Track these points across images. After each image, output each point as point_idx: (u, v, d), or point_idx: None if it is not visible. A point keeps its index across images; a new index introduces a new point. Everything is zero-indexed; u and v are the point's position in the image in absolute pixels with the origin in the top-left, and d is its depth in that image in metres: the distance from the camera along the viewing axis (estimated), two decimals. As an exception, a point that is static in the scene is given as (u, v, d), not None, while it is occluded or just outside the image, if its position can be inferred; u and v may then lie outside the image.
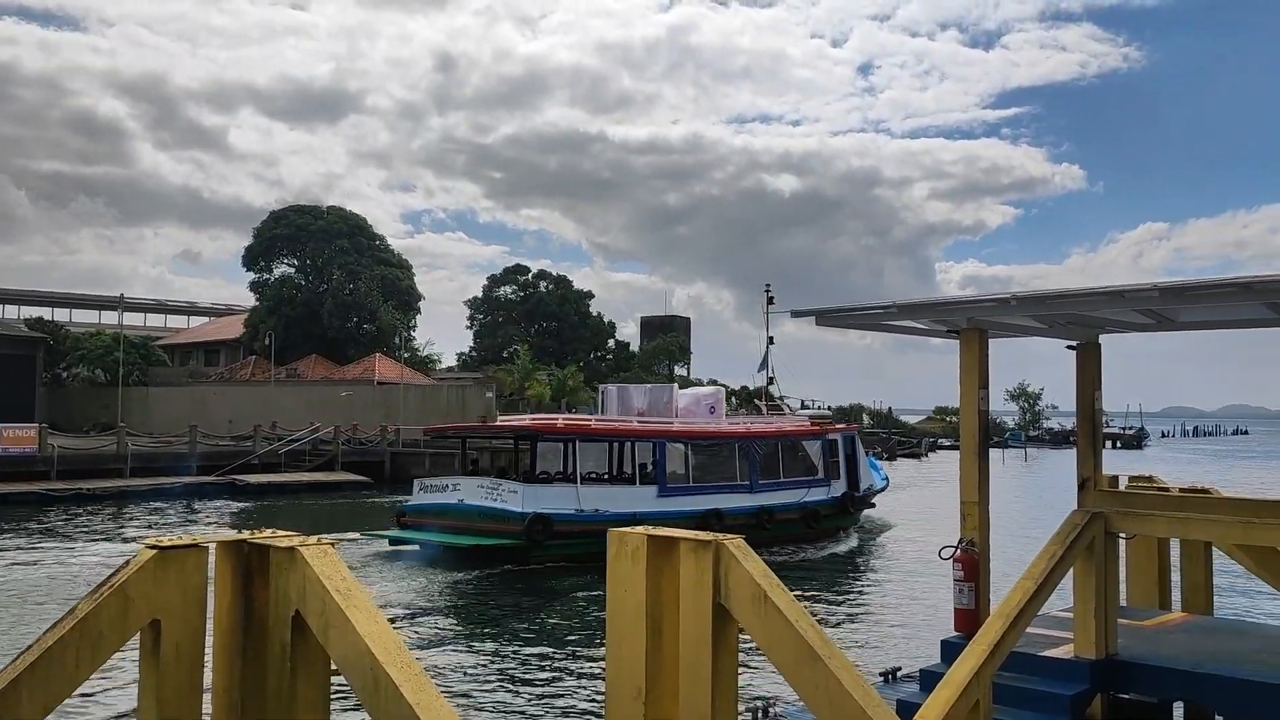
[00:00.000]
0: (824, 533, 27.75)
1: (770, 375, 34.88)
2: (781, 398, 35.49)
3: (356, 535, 25.77)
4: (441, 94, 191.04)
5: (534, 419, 29.57)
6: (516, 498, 22.96)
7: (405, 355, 70.67)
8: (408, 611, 17.85)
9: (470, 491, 23.86)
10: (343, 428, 46.59)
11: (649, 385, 29.15)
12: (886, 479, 34.17)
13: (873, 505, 31.64)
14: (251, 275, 77.51)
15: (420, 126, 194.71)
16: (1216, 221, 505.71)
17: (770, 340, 34.12)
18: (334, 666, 4.45)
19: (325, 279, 74.08)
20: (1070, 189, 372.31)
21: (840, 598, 20.24)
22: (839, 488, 28.88)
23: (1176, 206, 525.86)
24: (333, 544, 4.56)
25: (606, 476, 26.17)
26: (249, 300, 79.80)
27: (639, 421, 26.88)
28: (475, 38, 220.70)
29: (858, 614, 18.57)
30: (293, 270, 77.08)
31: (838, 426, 31.97)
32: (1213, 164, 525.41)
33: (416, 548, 23.73)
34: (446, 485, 24.89)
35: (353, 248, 75.72)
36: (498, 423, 31.29)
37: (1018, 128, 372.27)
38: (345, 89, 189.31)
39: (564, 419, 28.00)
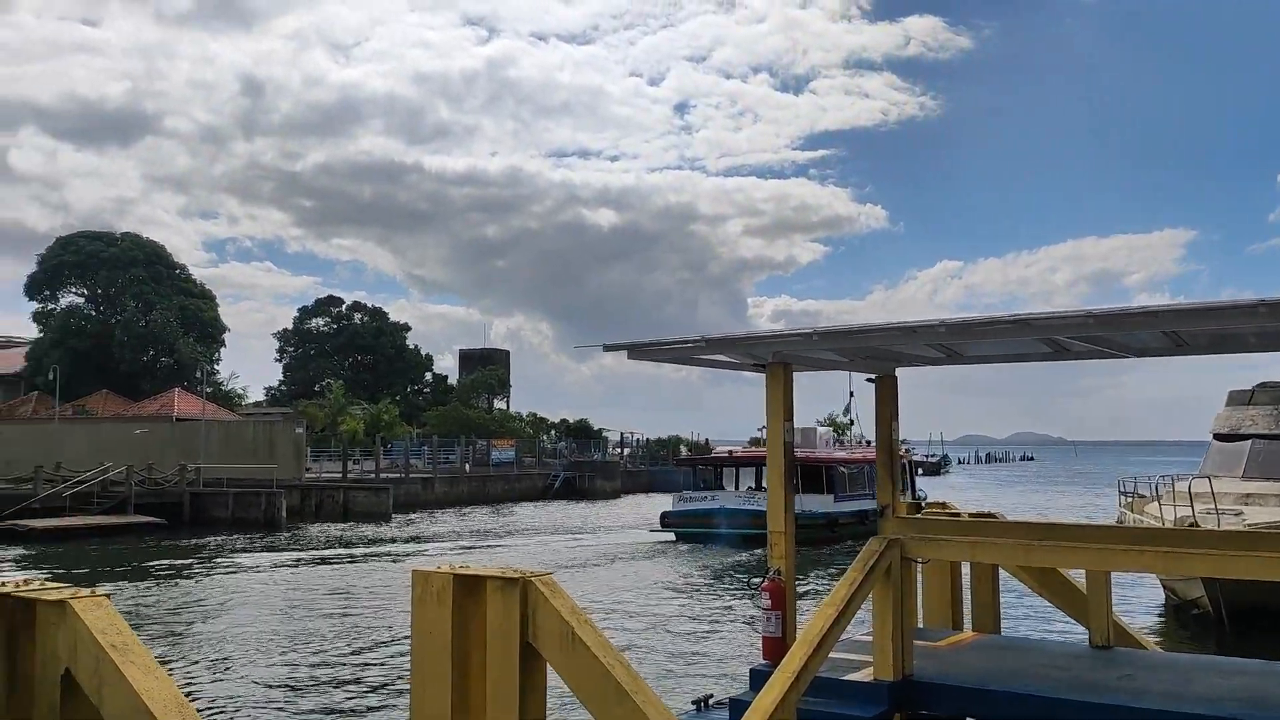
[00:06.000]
0: None
1: (853, 418, 42.28)
2: (862, 435, 42.90)
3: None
4: (247, 119, 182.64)
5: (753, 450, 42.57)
6: None
7: (207, 390, 67.27)
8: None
9: (728, 499, 33.52)
10: (136, 467, 43.76)
11: (801, 428, 37.65)
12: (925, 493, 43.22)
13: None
14: (35, 305, 72.47)
15: (223, 151, 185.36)
16: (1003, 261, 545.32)
17: (851, 394, 41.25)
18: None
19: (118, 310, 69.84)
20: (874, 228, 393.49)
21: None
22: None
23: (968, 247, 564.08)
24: (108, 595, 4.25)
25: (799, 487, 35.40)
26: (31, 332, 74.42)
27: (822, 452, 36.61)
28: (284, 62, 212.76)
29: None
30: (82, 300, 72.41)
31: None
32: (1000, 208, 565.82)
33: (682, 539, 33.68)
34: (705, 496, 34.48)
35: (149, 276, 71.73)
36: (739, 452, 41.04)
37: (825, 169, 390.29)
38: (141, 110, 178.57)
39: None
